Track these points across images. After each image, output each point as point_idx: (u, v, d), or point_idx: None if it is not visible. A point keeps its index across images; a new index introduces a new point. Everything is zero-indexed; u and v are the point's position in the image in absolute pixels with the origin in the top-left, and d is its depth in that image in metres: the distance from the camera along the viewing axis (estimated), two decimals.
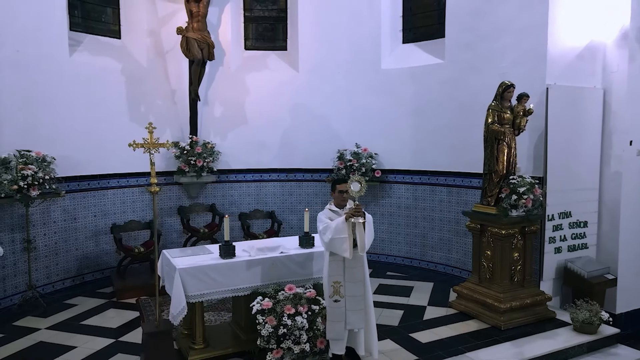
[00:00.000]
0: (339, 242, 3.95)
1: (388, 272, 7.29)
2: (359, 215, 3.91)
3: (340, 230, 3.94)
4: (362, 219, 3.92)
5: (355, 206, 3.94)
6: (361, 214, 3.94)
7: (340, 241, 3.94)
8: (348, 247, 3.95)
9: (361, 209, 3.96)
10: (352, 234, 3.99)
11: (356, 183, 3.99)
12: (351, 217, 3.91)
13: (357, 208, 3.93)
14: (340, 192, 4.24)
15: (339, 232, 3.94)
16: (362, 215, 3.93)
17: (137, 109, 7.41)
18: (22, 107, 6.01)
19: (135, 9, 7.46)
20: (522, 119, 5.34)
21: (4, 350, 4.67)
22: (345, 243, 3.94)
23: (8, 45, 5.85)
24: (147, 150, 4.40)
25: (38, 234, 6.30)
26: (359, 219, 3.91)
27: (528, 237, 5.40)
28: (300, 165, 8.23)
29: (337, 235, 3.94)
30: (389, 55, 7.82)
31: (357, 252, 4.08)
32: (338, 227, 3.94)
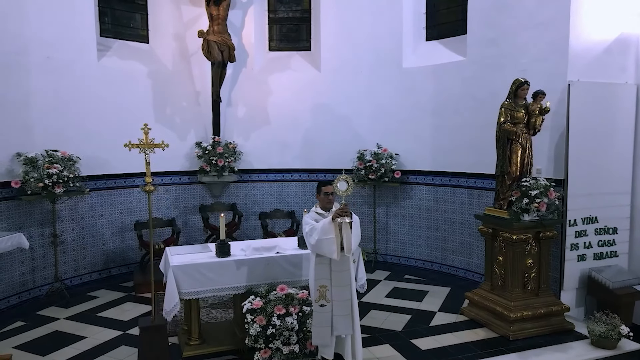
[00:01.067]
0: (326, 243, 3.89)
1: (406, 276, 7.13)
2: (346, 215, 3.84)
3: (327, 230, 3.88)
4: (348, 219, 3.85)
5: (342, 206, 3.88)
6: (348, 214, 3.87)
7: (327, 242, 3.88)
8: (335, 248, 3.89)
9: (348, 209, 3.89)
10: (340, 235, 3.92)
11: (343, 182, 3.92)
12: (338, 217, 3.85)
13: (343, 208, 3.86)
14: (325, 194, 4.19)
15: (325, 233, 3.88)
16: (349, 215, 3.86)
17: (162, 110, 7.69)
18: (51, 110, 6.39)
19: (162, 14, 7.74)
20: (538, 118, 5.05)
21: (22, 337, 5.00)
22: (333, 244, 3.88)
23: (39, 52, 6.24)
24: (142, 151, 4.49)
25: (66, 229, 6.68)
26: (345, 218, 3.84)
27: (544, 243, 5.10)
28: (321, 165, 8.21)
29: (324, 236, 3.88)
30: (411, 53, 7.64)
31: (343, 254, 4.00)
32: (325, 227, 3.89)
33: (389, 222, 7.91)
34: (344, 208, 3.86)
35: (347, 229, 3.87)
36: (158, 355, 4.18)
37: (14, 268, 6.02)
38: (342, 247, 3.93)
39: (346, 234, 3.87)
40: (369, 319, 5.44)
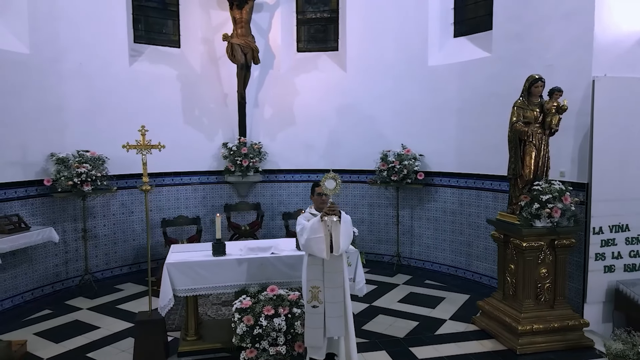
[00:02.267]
0: (315, 243, 3.86)
1: (427, 281, 6.90)
2: (333, 214, 3.79)
3: (316, 230, 3.85)
4: (336, 218, 3.80)
5: (329, 204, 3.83)
6: (336, 213, 3.82)
7: (316, 241, 3.85)
8: (325, 247, 3.84)
9: (336, 208, 3.84)
10: (330, 235, 3.87)
11: (331, 180, 3.89)
12: (326, 216, 3.81)
13: (331, 206, 3.82)
14: (319, 194, 4.17)
15: (314, 232, 3.85)
16: (337, 214, 3.81)
17: (191, 112, 7.97)
18: (84, 113, 6.82)
19: (192, 19, 8.02)
20: (554, 117, 4.70)
21: (44, 325, 5.38)
22: (322, 243, 3.84)
23: (73, 58, 6.68)
24: (140, 152, 4.65)
25: (98, 224, 7.11)
26: (332, 217, 3.79)
27: (560, 252, 4.73)
28: (346, 166, 8.14)
29: (313, 235, 3.85)
30: (438, 51, 7.39)
31: (332, 254, 3.95)
32: (314, 227, 3.86)
33: (413, 225, 7.69)
34: (331, 207, 3.82)
35: (337, 228, 3.82)
36: (152, 348, 4.34)
37: (48, 260, 6.49)
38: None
39: (335, 233, 3.82)
40: (374, 323, 5.33)
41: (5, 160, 5.92)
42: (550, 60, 5.51)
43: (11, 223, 5.74)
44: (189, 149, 7.88)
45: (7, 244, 5.45)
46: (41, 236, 5.94)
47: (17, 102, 6.02)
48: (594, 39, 4.97)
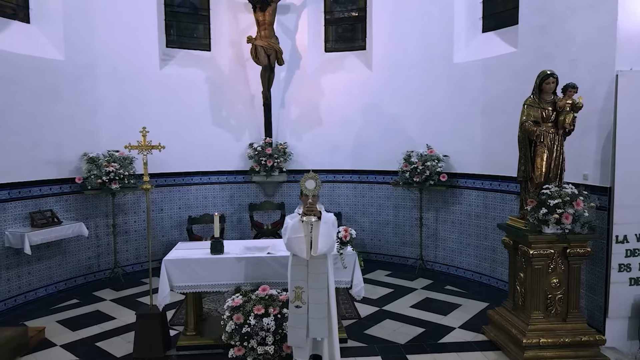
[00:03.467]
0: (296, 242, 3.88)
1: (447, 286, 6.65)
2: (311, 214, 3.78)
3: (297, 229, 3.86)
4: (314, 218, 3.78)
5: (308, 204, 3.82)
6: (315, 213, 3.80)
7: (297, 241, 3.86)
8: (305, 247, 3.85)
9: (314, 208, 3.82)
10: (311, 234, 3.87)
11: (311, 180, 3.90)
12: (304, 216, 3.81)
13: (309, 206, 3.81)
14: (305, 195, 4.13)
15: (295, 232, 3.87)
16: (316, 214, 3.79)
17: (219, 113, 8.20)
18: (116, 115, 7.21)
19: (221, 23, 8.25)
20: (567, 116, 4.36)
21: (69, 313, 5.76)
22: (302, 243, 3.85)
23: (106, 64, 7.09)
24: (141, 152, 4.83)
25: (129, 220, 7.50)
26: (311, 217, 3.78)
27: (573, 261, 4.38)
28: (371, 166, 8.04)
29: (294, 235, 3.87)
30: (465, 47, 7.09)
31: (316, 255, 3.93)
32: (294, 226, 3.88)
33: (438, 228, 7.44)
34: (309, 206, 3.81)
35: (316, 228, 3.80)
36: (151, 341, 4.51)
37: (81, 253, 6.94)
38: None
39: (314, 233, 3.81)
40: (379, 328, 5.21)
41: (42, 159, 6.38)
42: (574, 54, 5.12)
43: (44, 218, 6.19)
44: (217, 149, 8.11)
45: (38, 236, 5.89)
46: (71, 230, 6.36)
47: (53, 106, 6.47)
48: (617, 30, 4.55)
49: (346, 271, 4.65)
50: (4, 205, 5.88)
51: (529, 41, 5.92)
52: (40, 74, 6.31)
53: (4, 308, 5.84)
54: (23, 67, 6.10)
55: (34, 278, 6.28)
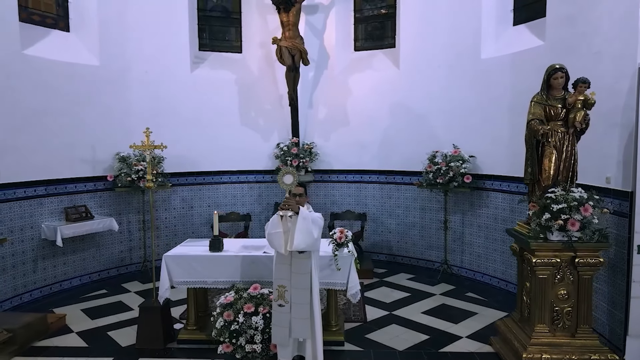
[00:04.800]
0: (275, 237, 3.93)
1: (469, 293, 6.35)
2: (287, 209, 3.78)
3: (275, 224, 3.91)
4: (290, 213, 3.78)
5: (285, 199, 3.83)
6: (293, 208, 3.81)
7: (276, 236, 3.91)
8: (283, 243, 3.88)
9: (292, 202, 3.81)
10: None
11: (289, 175, 3.93)
12: (281, 211, 3.83)
13: (286, 201, 3.81)
14: (293, 194, 4.15)
15: (274, 227, 3.92)
16: (290, 208, 3.80)
17: (247, 113, 8.37)
18: (148, 116, 7.51)
19: (251, 25, 8.41)
20: (578, 113, 4.00)
21: (94, 302, 6.15)
22: (280, 239, 3.89)
23: (138, 67, 7.47)
24: (144, 151, 5.03)
25: (160, 217, 7.86)
26: (287, 212, 3.78)
27: (583, 272, 4.02)
28: (398, 167, 7.85)
29: (273, 230, 3.93)
30: (494, 41, 6.74)
31: (300, 254, 3.93)
32: (273, 221, 3.93)
33: (464, 232, 7.12)
34: (286, 201, 3.82)
35: (294, 223, 3.80)
36: (152, 333, 4.71)
37: (114, 246, 7.37)
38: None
39: (291, 229, 3.81)
40: (381, 332, 5.08)
41: (78, 157, 6.85)
42: (598, 46, 4.70)
43: (78, 213, 6.65)
44: (245, 149, 8.29)
45: (70, 230, 6.33)
46: (102, 225, 6.78)
47: (88, 108, 6.92)
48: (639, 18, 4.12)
49: (341, 273, 4.58)
50: (41, 201, 6.38)
51: (556, 33, 5.51)
52: (76, 79, 6.77)
53: (39, 295, 6.33)
54: (61, 73, 6.58)
55: (69, 268, 6.76)
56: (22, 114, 6.08)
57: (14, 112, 5.97)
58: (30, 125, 6.18)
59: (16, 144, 6.00)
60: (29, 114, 6.17)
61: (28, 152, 6.16)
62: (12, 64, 5.94)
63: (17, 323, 4.75)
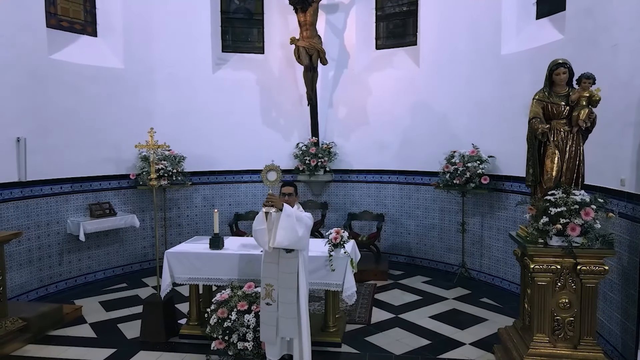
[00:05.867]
0: (259, 234, 3.97)
1: (483, 299, 6.12)
2: (269, 205, 3.81)
3: (260, 221, 3.96)
4: (273, 210, 3.80)
5: (268, 195, 3.84)
6: (276, 205, 3.82)
7: (260, 233, 3.95)
8: (267, 239, 3.90)
9: (276, 199, 3.85)
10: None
11: (272, 172, 3.97)
12: (264, 207, 3.86)
13: (268, 198, 3.82)
14: (283, 194, 4.18)
15: (259, 224, 3.97)
16: (271, 205, 3.82)
17: (268, 113, 8.46)
18: (172, 117, 7.80)
19: (273, 26, 8.50)
20: (582, 111, 3.76)
21: (112, 295, 6.42)
22: (265, 235, 3.92)
23: (163, 69, 7.72)
24: (149, 151, 5.17)
25: (182, 214, 8.09)
26: (270, 209, 3.81)
27: (586, 279, 3.77)
28: (418, 167, 7.69)
29: (258, 227, 3.97)
30: (515, 36, 6.46)
31: (287, 253, 3.94)
32: (258, 218, 3.98)
33: (483, 235, 6.87)
34: (268, 198, 3.84)
35: (277, 220, 3.80)
36: (155, 327, 4.86)
37: (137, 242, 7.66)
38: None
39: (274, 226, 3.82)
40: (382, 336, 4.99)
41: (103, 156, 7.17)
42: (615, 39, 4.40)
43: (101, 209, 6.96)
44: (266, 149, 8.32)
45: (93, 225, 6.64)
46: (124, 221, 7.06)
47: (113, 109, 7.23)
48: None
49: (337, 274, 4.54)
50: (67, 197, 6.73)
51: (575, 26, 5.22)
52: (101, 81, 7.08)
53: (64, 287, 6.69)
54: (87, 76, 6.91)
55: (93, 262, 7.10)
56: (49, 116, 6.43)
57: (41, 114, 6.33)
58: (57, 126, 6.53)
59: (43, 143, 6.35)
60: (56, 116, 6.52)
61: (55, 151, 6.51)
62: (40, 68, 6.30)
63: (33, 312, 5.04)
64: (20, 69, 6.03)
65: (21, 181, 6.05)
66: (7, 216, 5.92)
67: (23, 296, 6.11)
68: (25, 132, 6.08)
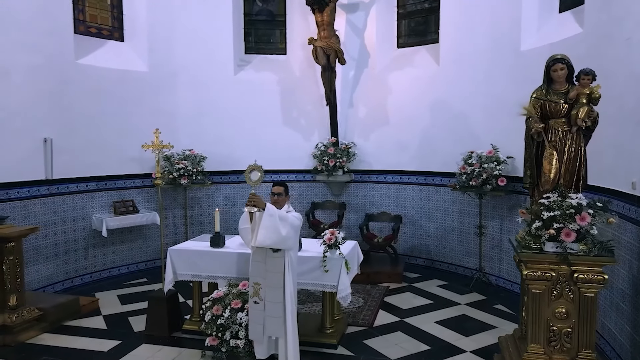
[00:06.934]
0: (244, 233, 4.11)
1: (498, 305, 5.88)
2: (251, 205, 3.86)
3: (244, 220, 4.09)
4: (255, 209, 3.85)
5: (250, 195, 3.88)
6: (255, 204, 3.86)
7: (244, 232, 4.09)
8: (251, 238, 3.99)
9: (257, 199, 3.89)
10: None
11: (255, 172, 4.02)
12: (246, 207, 3.91)
13: (250, 197, 3.86)
14: (272, 194, 4.22)
15: (243, 223, 4.10)
16: (255, 205, 3.85)
17: (289, 113, 8.52)
18: (194, 117, 8.04)
19: (294, 27, 8.56)
20: (581, 109, 3.54)
21: (131, 289, 6.70)
22: (248, 234, 4.04)
23: (185, 73, 7.96)
24: (154, 151, 5.34)
25: (204, 213, 8.30)
26: (252, 208, 3.87)
27: (585, 289, 3.54)
28: (437, 168, 7.50)
29: (242, 226, 4.11)
30: (536, 31, 6.18)
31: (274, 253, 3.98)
32: (243, 217, 4.09)
33: (502, 239, 6.60)
34: (250, 197, 3.88)
35: (260, 219, 3.84)
36: (159, 321, 5.03)
37: (159, 239, 7.92)
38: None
39: (258, 225, 3.86)
40: (381, 339, 4.91)
41: (127, 156, 7.48)
42: (630, 32, 4.10)
43: (125, 206, 7.27)
44: (287, 149, 8.44)
45: (115, 222, 6.95)
46: (145, 219, 7.34)
47: (137, 110, 7.52)
48: None
49: (332, 275, 4.52)
50: (92, 195, 7.08)
51: (594, 19, 4.93)
52: (127, 84, 7.39)
53: (89, 280, 7.04)
54: (113, 79, 7.23)
55: (117, 257, 7.43)
56: (76, 117, 6.79)
57: (68, 116, 6.69)
58: (83, 127, 6.88)
59: (70, 143, 6.71)
60: (82, 117, 6.87)
61: (81, 151, 6.86)
62: (67, 72, 6.66)
63: (51, 303, 5.35)
64: (47, 74, 6.40)
65: (48, 179, 6.42)
66: (34, 212, 6.31)
67: (49, 287, 6.49)
68: (52, 133, 6.45)
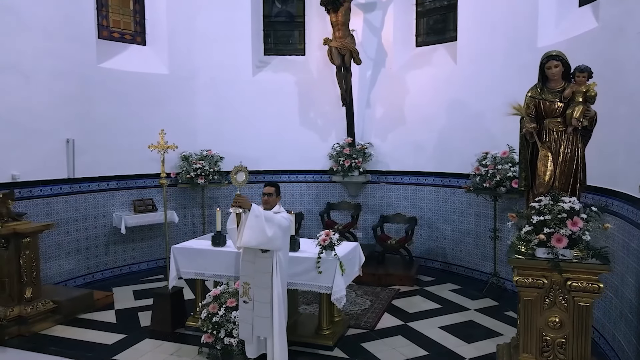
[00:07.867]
0: (231, 233, 4.15)
1: (508, 312, 5.68)
2: (237, 206, 3.92)
3: (231, 221, 4.12)
4: (240, 210, 3.91)
5: (235, 196, 3.93)
6: (243, 205, 3.90)
7: (231, 232, 4.14)
8: (237, 238, 4.04)
9: (242, 200, 3.92)
10: None
11: (241, 173, 4.08)
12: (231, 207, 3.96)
13: (235, 198, 3.92)
14: (263, 194, 4.25)
15: (230, 223, 4.13)
16: (241, 206, 3.90)
17: (307, 114, 8.55)
18: (213, 119, 8.20)
19: (312, 27, 8.58)
20: (577, 108, 3.36)
21: (146, 285, 6.88)
22: (235, 234, 4.08)
23: (204, 75, 8.14)
24: (159, 151, 5.47)
25: (222, 212, 8.41)
26: (238, 209, 3.93)
27: (579, 297, 3.36)
28: (454, 169, 7.32)
29: (230, 226, 4.14)
30: (554, 27, 5.93)
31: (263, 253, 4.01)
32: (230, 218, 4.12)
33: None
34: (235, 198, 3.92)
35: (245, 220, 3.88)
36: (162, 318, 5.17)
37: (179, 237, 8.12)
38: None
39: (242, 226, 3.90)
40: (380, 343, 4.84)
41: (148, 156, 7.59)
42: None
43: (144, 205, 7.52)
44: (304, 149, 8.47)
45: (134, 220, 7.20)
46: (163, 217, 7.54)
47: (158, 111, 7.74)
48: None
49: (326, 277, 4.50)
50: (113, 193, 7.36)
51: (608, 13, 4.68)
52: (147, 87, 7.64)
53: (109, 275, 7.32)
54: (134, 82, 7.50)
55: (137, 254, 7.69)
56: (98, 119, 7.08)
57: (90, 117, 6.99)
58: (104, 128, 7.17)
59: (92, 144, 7.00)
60: (104, 119, 7.16)
61: (102, 151, 7.15)
62: (89, 76, 6.95)
63: (65, 296, 5.60)
64: (70, 78, 6.71)
65: (70, 178, 6.73)
66: (57, 209, 6.63)
67: (71, 281, 6.80)
68: (74, 134, 6.76)
